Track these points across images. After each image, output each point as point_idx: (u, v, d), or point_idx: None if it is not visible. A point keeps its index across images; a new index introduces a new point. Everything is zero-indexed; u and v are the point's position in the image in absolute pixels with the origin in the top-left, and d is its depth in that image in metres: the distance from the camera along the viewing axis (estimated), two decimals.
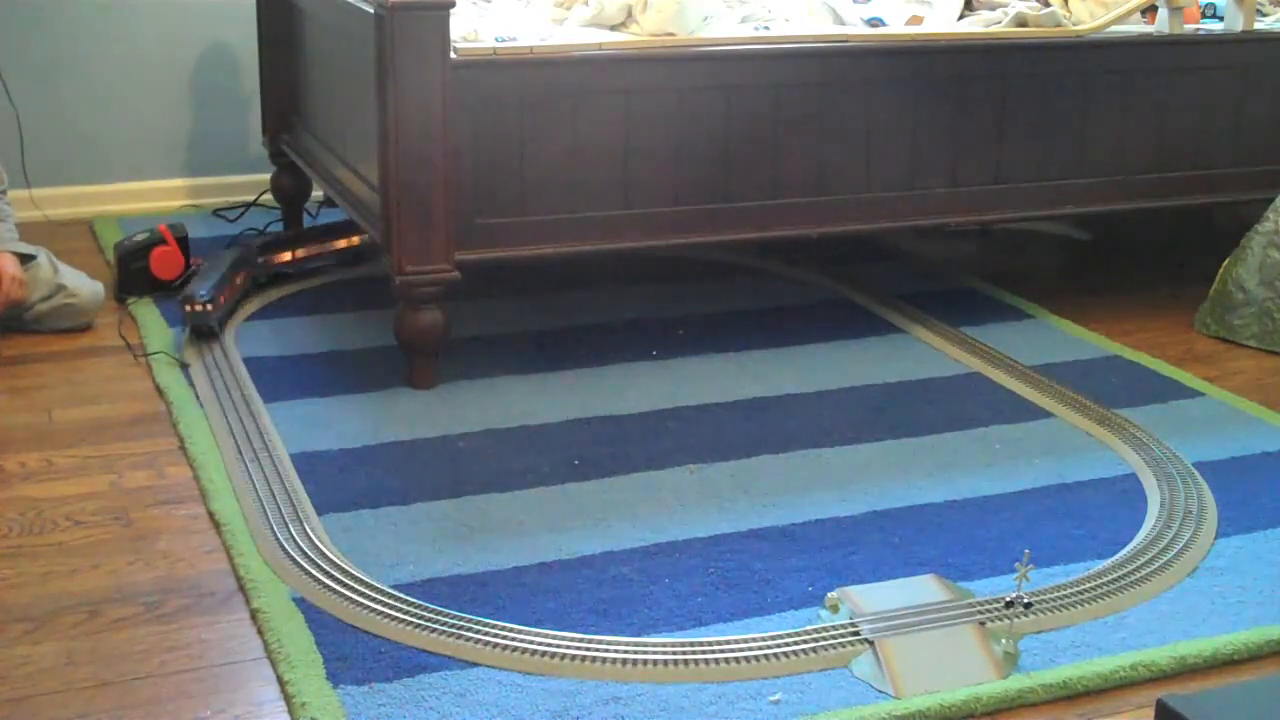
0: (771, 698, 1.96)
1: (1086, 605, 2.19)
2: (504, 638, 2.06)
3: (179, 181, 4.34)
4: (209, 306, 3.13)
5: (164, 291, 3.46)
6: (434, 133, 2.80)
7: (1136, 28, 3.45)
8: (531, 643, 2.05)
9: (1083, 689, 2.01)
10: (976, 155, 3.31)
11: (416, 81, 2.77)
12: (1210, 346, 3.35)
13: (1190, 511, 2.49)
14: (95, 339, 3.23)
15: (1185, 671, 2.06)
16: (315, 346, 3.19)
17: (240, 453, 2.64)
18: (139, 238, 3.49)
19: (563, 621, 2.12)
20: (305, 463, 2.61)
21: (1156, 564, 2.31)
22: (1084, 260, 4.15)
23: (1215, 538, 2.42)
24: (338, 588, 2.18)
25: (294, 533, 2.35)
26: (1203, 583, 2.28)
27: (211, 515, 2.43)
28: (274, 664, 2.01)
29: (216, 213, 4.18)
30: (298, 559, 2.27)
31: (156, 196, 4.23)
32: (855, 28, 3.30)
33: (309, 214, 4.12)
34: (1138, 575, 2.27)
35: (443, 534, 2.37)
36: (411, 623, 2.09)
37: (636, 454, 2.69)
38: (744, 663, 2.02)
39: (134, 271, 3.46)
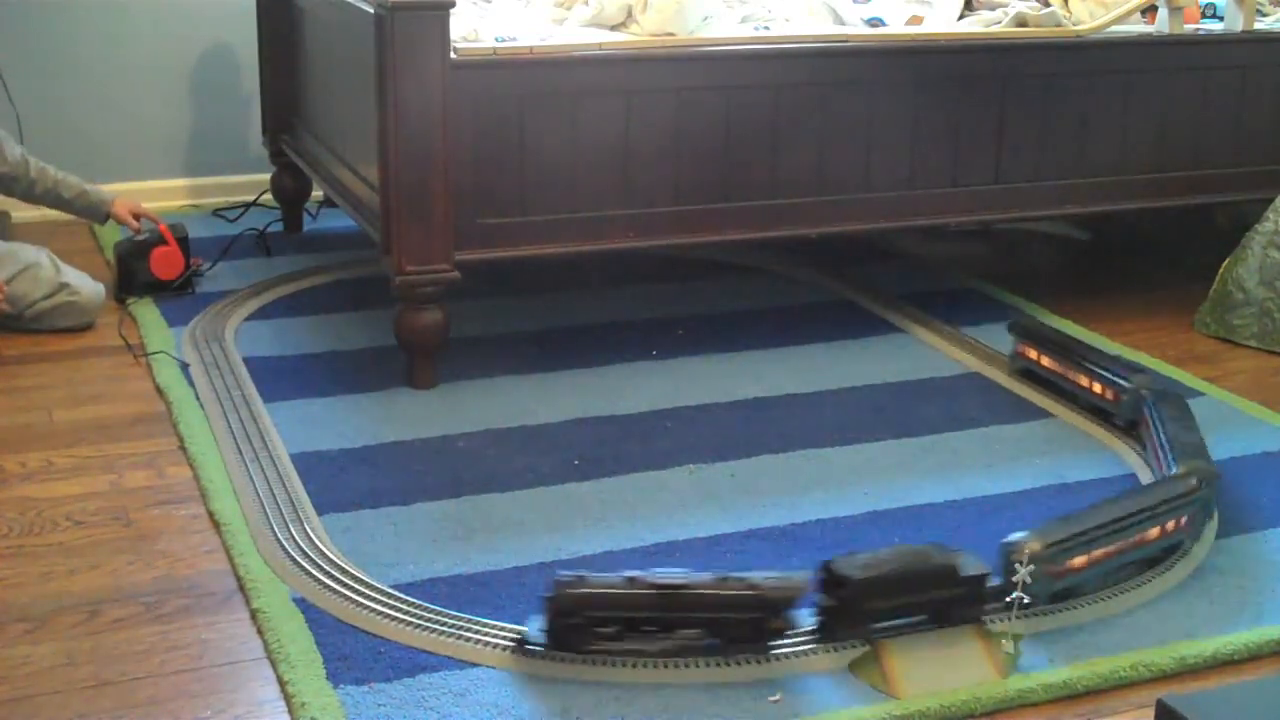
0: (771, 698, 1.96)
1: (1086, 605, 2.18)
2: (504, 638, 2.06)
3: (179, 181, 4.34)
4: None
5: (164, 291, 3.46)
6: (434, 133, 2.80)
7: (1136, 28, 3.45)
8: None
9: (1083, 689, 2.01)
10: (976, 155, 3.31)
11: (416, 81, 2.77)
12: (1210, 346, 3.35)
13: None
14: (95, 339, 3.23)
15: (1185, 671, 2.06)
16: (315, 346, 3.19)
17: (240, 453, 2.63)
18: (139, 238, 3.49)
19: None
20: (305, 463, 2.61)
21: (1157, 564, 2.31)
22: (1084, 260, 4.15)
23: (1215, 538, 2.41)
24: (338, 588, 2.18)
25: (294, 533, 2.35)
26: (1203, 583, 2.28)
27: (211, 515, 2.43)
28: (274, 664, 2.01)
29: (216, 213, 4.19)
30: (298, 559, 2.26)
31: (156, 196, 4.23)
32: (855, 28, 3.30)
33: (309, 214, 4.13)
34: (1138, 575, 2.27)
35: (443, 534, 2.37)
36: (411, 623, 2.09)
37: (636, 454, 2.69)
38: (744, 663, 2.02)
39: (134, 271, 3.46)
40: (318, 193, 3.94)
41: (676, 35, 3.04)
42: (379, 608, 2.13)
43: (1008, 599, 2.10)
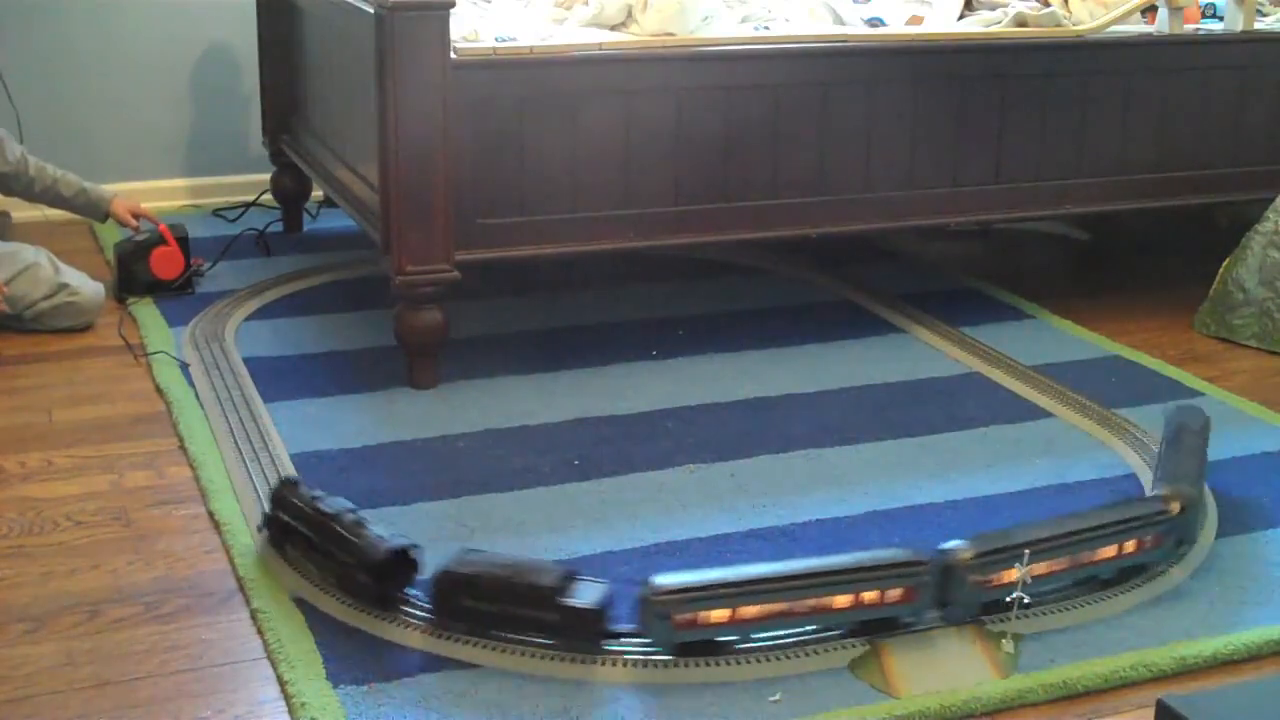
0: (771, 698, 1.96)
1: (1086, 605, 2.18)
2: (504, 638, 2.05)
3: (179, 181, 4.34)
4: None
5: (164, 291, 3.46)
6: (434, 133, 2.80)
7: (1136, 28, 3.45)
8: (531, 643, 2.05)
9: (1083, 689, 2.01)
10: (976, 155, 3.31)
11: (416, 81, 2.77)
12: (1210, 346, 3.35)
13: None
14: (95, 339, 3.23)
15: (1185, 671, 2.06)
16: (315, 346, 3.19)
17: (240, 453, 2.63)
18: (139, 238, 3.49)
19: None
20: (305, 463, 2.61)
21: (1157, 564, 2.31)
22: (1084, 260, 4.15)
23: (1215, 538, 2.41)
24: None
25: None
26: (1203, 583, 2.28)
27: (211, 515, 2.43)
28: (274, 664, 2.01)
29: (216, 213, 4.19)
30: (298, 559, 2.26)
31: (156, 196, 4.23)
32: (855, 28, 3.30)
33: (309, 214, 4.13)
34: (1138, 575, 2.27)
35: (443, 534, 2.37)
36: (411, 623, 2.09)
37: (636, 454, 2.69)
38: (744, 663, 2.02)
39: (134, 271, 3.46)
40: (318, 193, 3.94)
41: (676, 35, 3.04)
42: (379, 608, 2.12)
43: (1008, 599, 2.10)
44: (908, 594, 2.07)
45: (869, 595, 2.05)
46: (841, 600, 2.05)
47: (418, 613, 2.08)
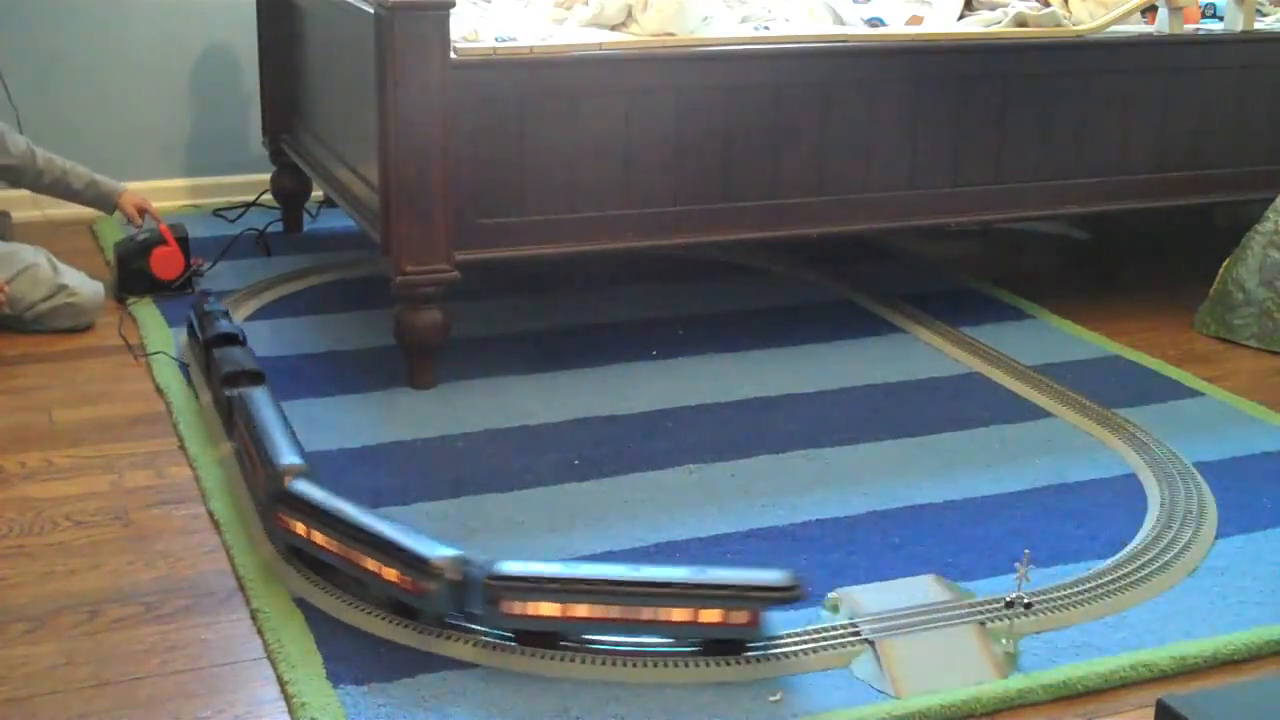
0: (772, 698, 1.96)
1: (1086, 605, 2.19)
2: (504, 638, 2.06)
3: (179, 181, 4.34)
4: None
5: (164, 291, 3.46)
6: (434, 133, 2.80)
7: (1136, 28, 3.45)
8: (530, 642, 2.05)
9: (1083, 689, 2.01)
10: (976, 155, 3.31)
11: (416, 81, 2.77)
12: (1210, 346, 3.35)
13: (1190, 511, 2.49)
14: (95, 339, 3.23)
15: (1185, 671, 2.06)
16: (315, 346, 3.19)
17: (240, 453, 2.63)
18: (139, 238, 3.50)
19: None
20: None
21: (1156, 564, 2.31)
22: (1084, 260, 4.15)
23: (1215, 538, 2.42)
24: (337, 588, 2.18)
25: None
26: (1203, 583, 2.28)
27: (211, 515, 2.43)
28: (274, 664, 2.01)
29: (216, 213, 4.19)
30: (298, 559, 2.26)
31: (156, 196, 4.22)
32: (855, 28, 3.30)
33: (309, 214, 4.13)
34: (1138, 575, 2.27)
35: (443, 534, 2.36)
36: (411, 623, 2.09)
37: (636, 454, 2.69)
38: (744, 663, 2.02)
39: (134, 271, 3.46)
40: (318, 193, 3.94)
41: (676, 35, 3.04)
42: (379, 608, 2.12)
43: (1008, 598, 2.11)
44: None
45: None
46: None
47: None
